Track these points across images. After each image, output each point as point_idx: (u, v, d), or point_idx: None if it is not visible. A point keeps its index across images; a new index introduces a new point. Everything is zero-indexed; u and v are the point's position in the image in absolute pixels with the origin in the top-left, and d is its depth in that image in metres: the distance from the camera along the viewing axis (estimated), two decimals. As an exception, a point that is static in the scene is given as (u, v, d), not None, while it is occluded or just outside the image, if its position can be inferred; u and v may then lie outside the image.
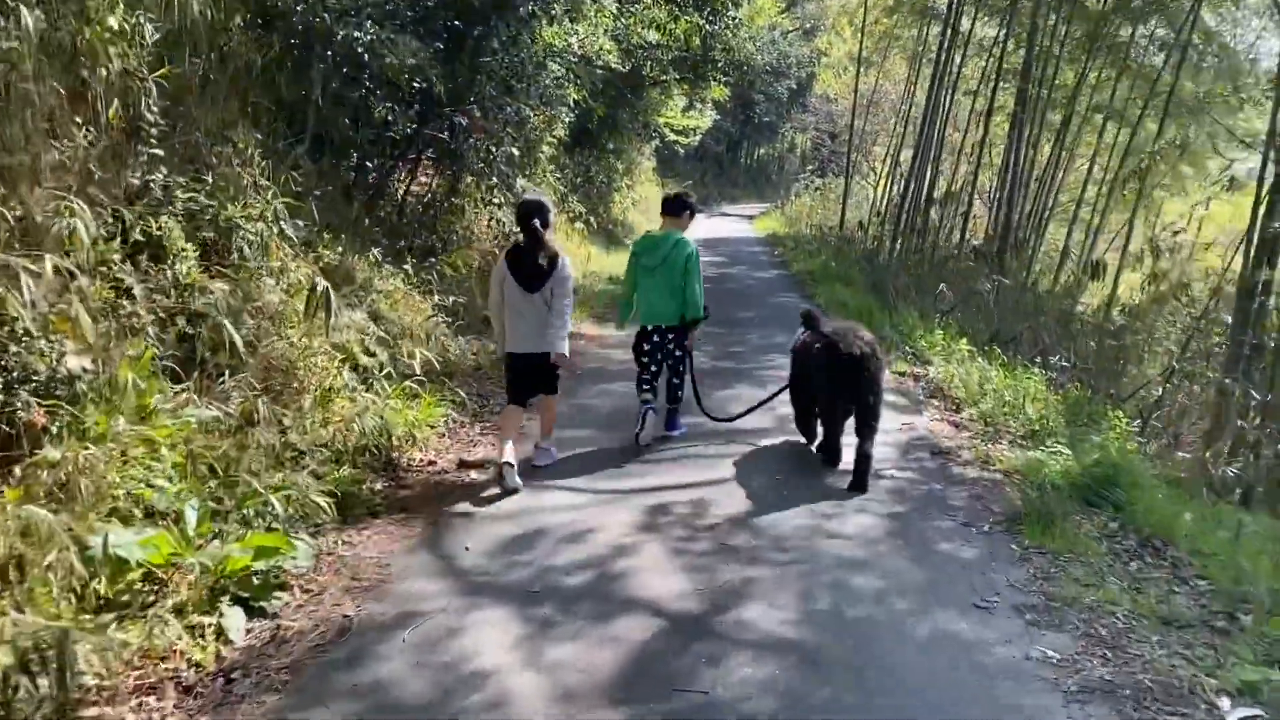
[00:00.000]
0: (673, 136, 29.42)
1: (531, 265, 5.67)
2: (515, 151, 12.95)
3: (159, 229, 5.71)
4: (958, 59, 19.30)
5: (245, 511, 4.50)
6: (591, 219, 18.42)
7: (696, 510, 5.37)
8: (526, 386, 5.95)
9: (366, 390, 6.62)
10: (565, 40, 15.16)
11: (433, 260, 11.04)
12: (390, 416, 6.17)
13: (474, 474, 5.92)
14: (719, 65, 21.37)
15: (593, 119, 19.02)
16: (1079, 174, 18.02)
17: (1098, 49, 15.17)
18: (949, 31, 18.19)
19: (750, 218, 31.56)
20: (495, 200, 13.03)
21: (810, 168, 35.26)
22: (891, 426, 7.21)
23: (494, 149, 12.65)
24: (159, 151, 6.17)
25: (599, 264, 16.18)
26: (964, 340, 9.71)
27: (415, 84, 9.75)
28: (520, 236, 5.95)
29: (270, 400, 5.81)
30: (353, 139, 10.18)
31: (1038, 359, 10.02)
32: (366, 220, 9.65)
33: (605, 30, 16.01)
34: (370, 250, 8.69)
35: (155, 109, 6.23)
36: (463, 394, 7.29)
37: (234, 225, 6.36)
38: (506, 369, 6.01)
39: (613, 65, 17.50)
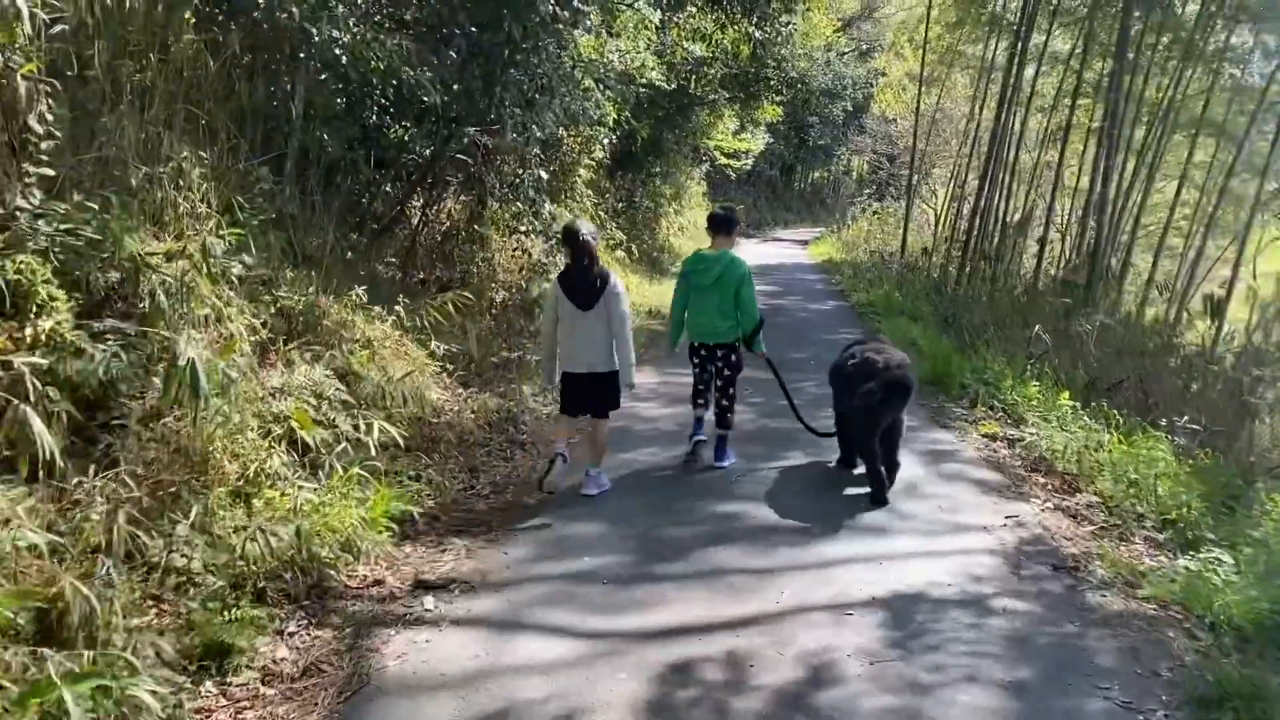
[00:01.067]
0: (724, 160, 27.78)
1: (584, 282, 5.52)
2: (543, 174, 11.41)
3: (16, 271, 4.19)
4: (1029, 74, 17.42)
5: (41, 706, 2.89)
6: (633, 246, 16.77)
7: (730, 674, 3.64)
8: (582, 403, 5.78)
9: (311, 475, 5.03)
10: (603, 55, 13.64)
11: (445, 295, 9.49)
12: (328, 517, 4.56)
13: (430, 600, 4.25)
14: (771, 83, 19.77)
15: (636, 140, 17.47)
16: (1164, 196, 15.98)
17: (1193, 58, 13.22)
18: (1019, 45, 16.34)
19: (804, 243, 29.73)
20: (521, 228, 11.49)
21: (867, 191, 33.35)
22: (994, 521, 5.42)
23: (520, 171, 11.14)
24: (49, 171, 4.69)
25: (640, 295, 14.51)
26: (1065, 394, 7.86)
27: (424, 98, 8.24)
28: (568, 260, 5.76)
29: (166, 500, 4.25)
30: (352, 160, 8.69)
31: (1151, 415, 8.15)
32: (349, 252, 8.12)
33: (647, 44, 14.41)
34: (354, 288, 7.13)
35: (50, 117, 4.75)
36: (442, 475, 5.67)
37: (141, 265, 4.83)
38: (563, 387, 5.81)
39: (657, 83, 15.88)
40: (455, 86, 8.82)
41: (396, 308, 7.38)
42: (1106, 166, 12.21)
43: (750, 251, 25.94)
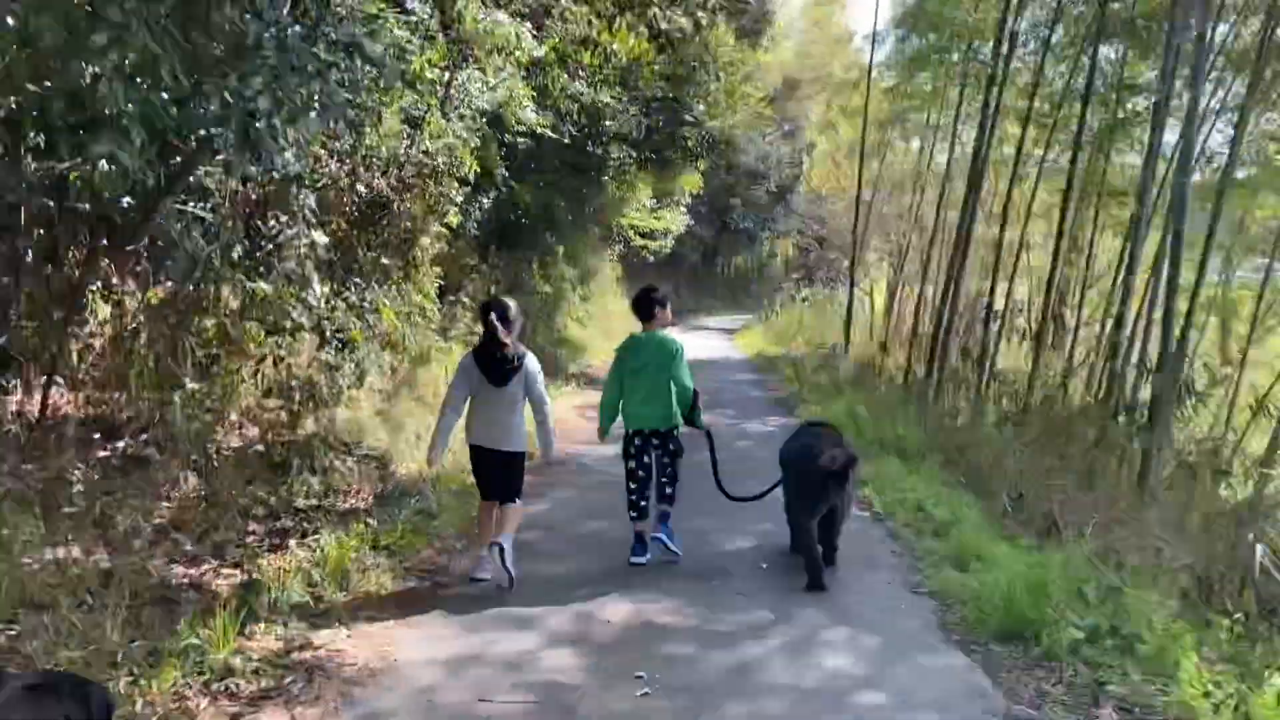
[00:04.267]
0: (639, 240, 23.35)
1: (496, 359, 4.99)
2: (320, 237, 6.61)
3: None
4: (1015, 131, 13.38)
5: None
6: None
7: None
8: (495, 484, 5.13)
9: None
10: (442, 75, 9.04)
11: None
12: None
13: None
14: (689, 144, 15.38)
15: (517, 209, 12.81)
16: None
17: None
18: (996, 90, 12.26)
19: (730, 332, 25.26)
20: (283, 322, 6.58)
21: (795, 275, 29.24)
22: None
23: (281, 230, 6.40)
24: None
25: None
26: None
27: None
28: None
29: None
30: None
31: None
32: None
33: (515, 67, 9.75)
34: None
35: None
36: None
37: None
38: (473, 461, 5.24)
39: (540, 129, 11.27)
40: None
41: None
42: (1175, 235, 7.83)
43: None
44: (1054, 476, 7.26)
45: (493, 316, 5.00)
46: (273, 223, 6.73)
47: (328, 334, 6.57)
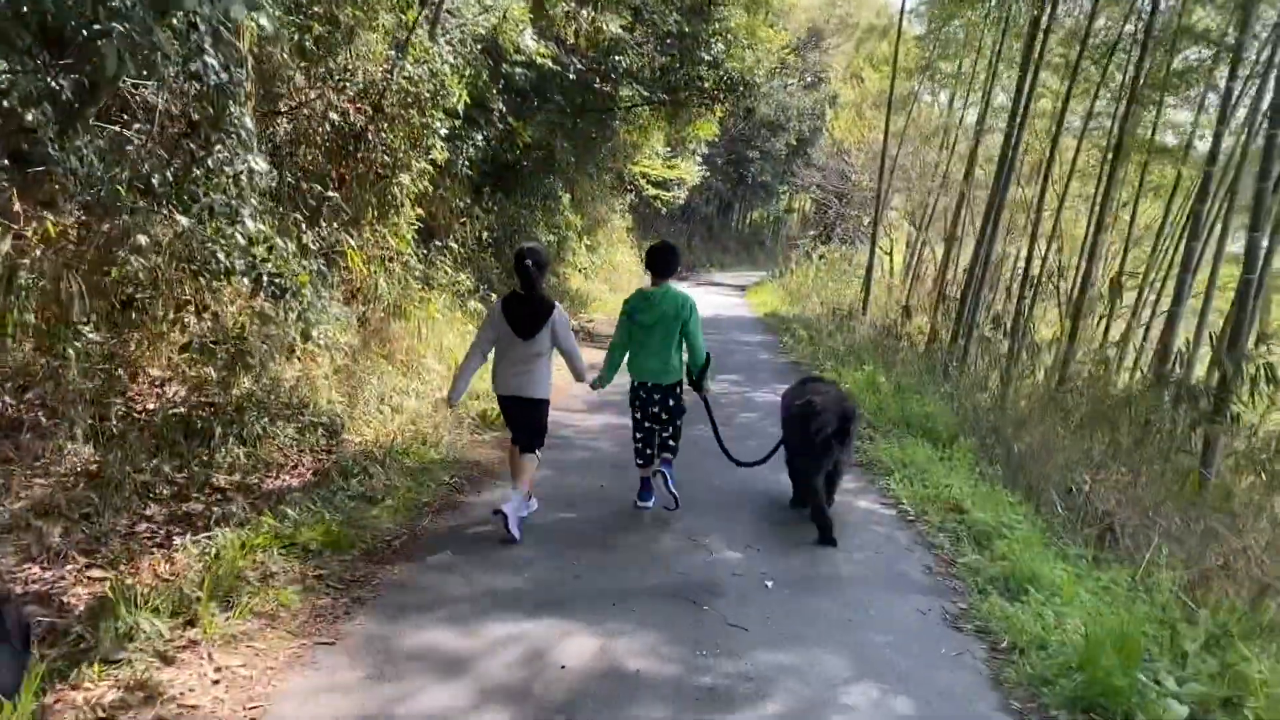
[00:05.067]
0: (651, 191, 22.06)
1: (526, 310, 4.80)
2: (258, 164, 5.52)
3: None
4: (1055, 85, 12.09)
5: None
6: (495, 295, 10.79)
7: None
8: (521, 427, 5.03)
9: None
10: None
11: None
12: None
13: None
14: (705, 85, 14.06)
15: (516, 148, 11.61)
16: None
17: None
18: (1041, 35, 10.93)
19: (742, 288, 24.01)
20: (209, 264, 5.47)
21: (812, 232, 27.88)
22: None
23: (211, 152, 5.35)
24: None
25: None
26: None
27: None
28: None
29: None
30: None
31: None
32: None
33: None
34: None
35: None
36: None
37: None
38: (502, 411, 5.09)
39: (540, 60, 10.06)
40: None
41: None
42: (1257, 196, 6.59)
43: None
44: (1105, 468, 6.14)
45: (529, 263, 4.76)
46: (218, 147, 5.64)
47: (263, 278, 5.45)
